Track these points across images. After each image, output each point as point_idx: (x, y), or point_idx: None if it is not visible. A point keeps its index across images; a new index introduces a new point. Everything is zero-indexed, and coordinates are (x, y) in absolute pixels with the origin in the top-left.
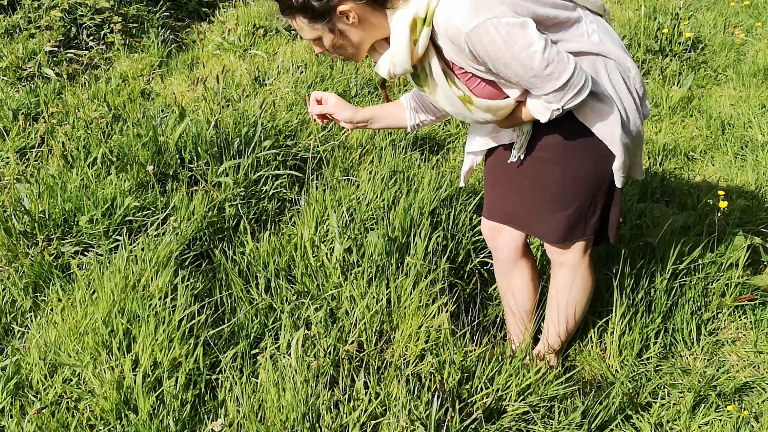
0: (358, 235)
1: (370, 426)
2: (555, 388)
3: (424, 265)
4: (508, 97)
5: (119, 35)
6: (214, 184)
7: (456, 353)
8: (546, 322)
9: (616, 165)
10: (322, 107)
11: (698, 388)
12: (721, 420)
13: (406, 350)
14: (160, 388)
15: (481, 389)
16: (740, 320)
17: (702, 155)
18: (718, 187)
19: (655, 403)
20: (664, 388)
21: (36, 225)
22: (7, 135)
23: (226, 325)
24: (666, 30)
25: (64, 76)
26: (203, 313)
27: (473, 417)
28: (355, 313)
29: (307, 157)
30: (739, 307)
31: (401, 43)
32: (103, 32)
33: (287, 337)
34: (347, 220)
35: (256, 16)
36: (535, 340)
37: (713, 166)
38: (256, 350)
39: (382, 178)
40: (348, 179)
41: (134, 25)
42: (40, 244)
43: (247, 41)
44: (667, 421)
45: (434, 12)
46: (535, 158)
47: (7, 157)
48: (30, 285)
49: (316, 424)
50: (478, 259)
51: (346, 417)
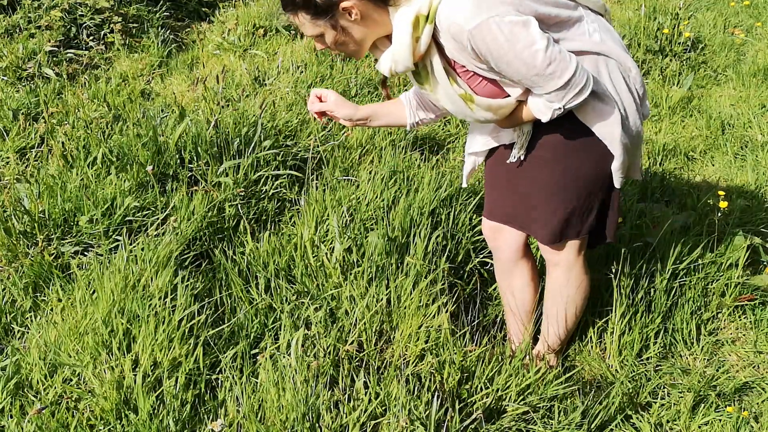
0: (358, 235)
1: (370, 426)
2: (555, 388)
3: (424, 265)
4: (510, 96)
5: (119, 35)
6: (214, 184)
7: (456, 353)
8: (543, 322)
9: (615, 165)
10: (321, 105)
11: (698, 388)
12: (720, 420)
13: (406, 350)
14: (160, 388)
15: (481, 389)
16: (740, 320)
17: (702, 155)
18: (718, 187)
19: (655, 403)
20: (664, 388)
21: (36, 225)
22: (7, 135)
23: (226, 325)
24: (666, 30)
25: (64, 76)
26: (203, 313)
27: (473, 417)
28: (355, 313)
29: (307, 157)
30: (739, 307)
31: (403, 40)
32: (103, 32)
33: (287, 337)
34: (347, 220)
35: (256, 16)
36: (535, 339)
37: (713, 166)
38: (256, 350)
39: (382, 178)
40: (348, 179)
41: (134, 25)
42: (40, 244)
43: (247, 41)
44: (667, 421)
45: (437, 9)
46: (536, 158)
47: (7, 157)
48: (30, 285)
49: (316, 424)
50: (478, 259)
51: (346, 417)
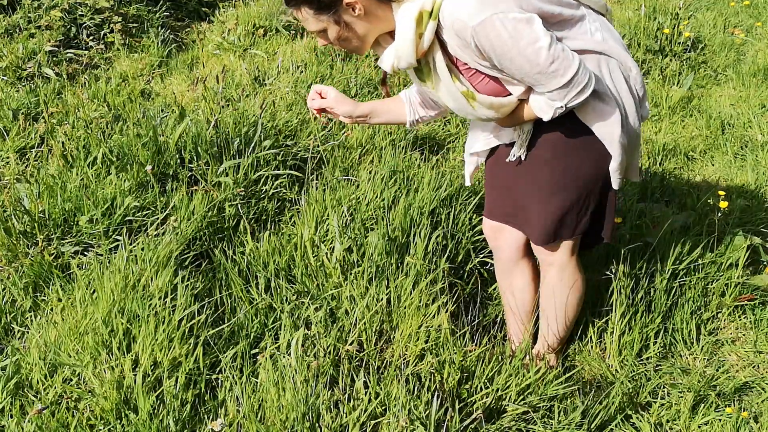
0: (358, 235)
1: (370, 426)
2: (555, 388)
3: (424, 265)
4: (511, 95)
5: (119, 35)
6: (214, 184)
7: (456, 353)
8: (541, 321)
9: (613, 166)
10: (321, 101)
11: (698, 388)
12: (720, 420)
13: (406, 350)
14: (160, 388)
15: (481, 389)
16: (740, 320)
17: (702, 155)
18: (718, 187)
19: (655, 402)
20: (664, 387)
21: (36, 225)
22: (7, 135)
23: (226, 325)
24: (666, 30)
25: (64, 76)
26: (203, 313)
27: (473, 417)
28: (355, 313)
29: (307, 157)
30: (739, 307)
31: (407, 36)
32: (103, 32)
33: (287, 336)
34: (347, 220)
35: (256, 16)
36: (535, 339)
37: (713, 166)
38: (256, 350)
39: (382, 178)
40: (348, 179)
41: (134, 25)
42: (40, 244)
43: (247, 41)
44: (667, 421)
45: (441, 6)
46: (536, 157)
47: (7, 157)
48: (30, 285)
49: (316, 424)
50: (478, 259)
51: (346, 417)
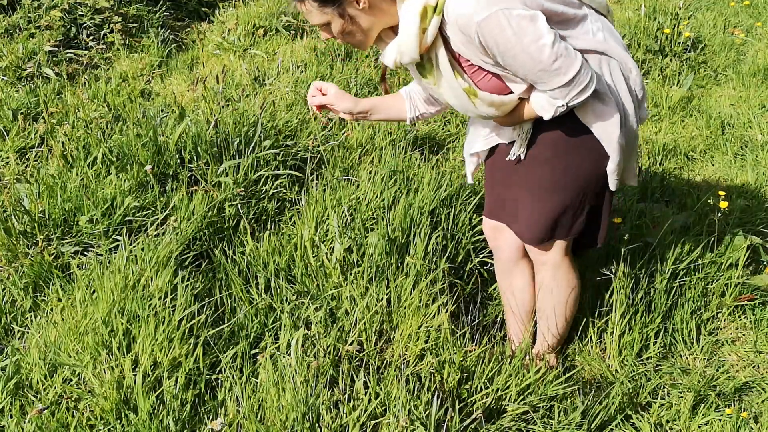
0: (358, 235)
1: (370, 426)
2: (555, 388)
3: (424, 265)
4: (513, 93)
5: (119, 35)
6: (214, 184)
7: (456, 353)
8: (539, 321)
9: (611, 167)
10: (321, 98)
11: (698, 388)
12: (720, 420)
13: (406, 350)
14: (160, 388)
15: (481, 389)
16: (740, 320)
17: (702, 155)
18: (718, 187)
19: (655, 402)
20: (664, 387)
21: (36, 225)
22: (7, 135)
23: (226, 325)
24: (666, 30)
25: (64, 76)
26: (203, 313)
27: (473, 417)
28: (355, 313)
29: (307, 157)
30: (739, 307)
31: (410, 31)
32: (103, 32)
33: (287, 337)
34: (347, 220)
35: (256, 16)
36: (535, 339)
37: (713, 166)
38: (256, 350)
39: (382, 178)
40: (348, 179)
41: (134, 25)
42: (40, 244)
43: (247, 41)
44: (667, 421)
45: (445, 1)
46: (536, 155)
47: (7, 157)
48: (30, 285)
49: (316, 424)
50: (478, 259)
51: (346, 417)
